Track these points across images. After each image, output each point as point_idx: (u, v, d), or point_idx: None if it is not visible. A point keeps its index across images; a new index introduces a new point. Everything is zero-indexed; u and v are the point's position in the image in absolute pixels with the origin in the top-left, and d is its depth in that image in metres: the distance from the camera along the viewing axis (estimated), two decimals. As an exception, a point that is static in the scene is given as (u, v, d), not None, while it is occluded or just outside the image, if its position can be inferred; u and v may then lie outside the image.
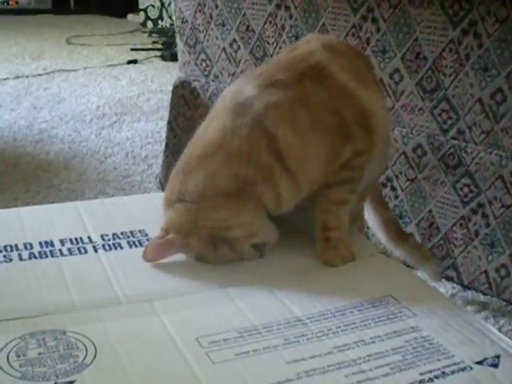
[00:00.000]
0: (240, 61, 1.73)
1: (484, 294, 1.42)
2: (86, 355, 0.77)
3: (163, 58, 3.45)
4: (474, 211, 1.40)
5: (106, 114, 2.57)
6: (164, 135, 1.94)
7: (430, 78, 1.41)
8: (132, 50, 3.64)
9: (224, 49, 1.76)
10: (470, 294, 1.43)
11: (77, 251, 1.01)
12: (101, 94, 2.84)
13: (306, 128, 0.96)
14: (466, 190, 1.40)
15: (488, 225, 1.38)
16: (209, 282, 0.94)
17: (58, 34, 4.06)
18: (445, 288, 1.44)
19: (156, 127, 2.44)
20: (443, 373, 0.75)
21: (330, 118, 0.98)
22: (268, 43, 1.66)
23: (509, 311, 1.37)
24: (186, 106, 1.87)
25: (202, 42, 1.80)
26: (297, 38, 1.59)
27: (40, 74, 3.16)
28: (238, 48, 1.73)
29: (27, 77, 3.11)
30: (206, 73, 1.83)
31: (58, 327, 0.82)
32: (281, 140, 0.94)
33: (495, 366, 0.77)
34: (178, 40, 1.86)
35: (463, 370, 0.76)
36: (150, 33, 4.03)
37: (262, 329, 0.83)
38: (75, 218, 1.11)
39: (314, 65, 1.01)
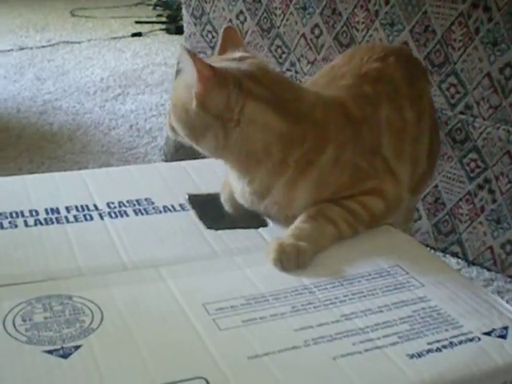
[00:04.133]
0: (247, 32, 1.72)
1: (489, 270, 1.43)
2: (92, 320, 0.77)
3: (168, 31, 3.42)
4: (481, 187, 1.39)
5: (110, 87, 2.56)
6: (168, 108, 1.92)
7: (439, 52, 1.39)
8: (136, 22, 3.61)
9: (230, 20, 1.75)
10: (474, 269, 1.43)
11: (83, 218, 1.00)
12: (105, 67, 2.82)
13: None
14: (472, 165, 1.40)
15: (494, 200, 1.38)
16: (216, 249, 0.94)
17: (63, 6, 4.03)
18: (449, 263, 1.44)
19: (160, 100, 2.43)
20: (451, 343, 0.75)
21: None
22: (275, 15, 1.65)
23: (514, 287, 1.37)
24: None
25: (209, 14, 1.79)
26: (304, 9, 1.58)
27: (44, 46, 3.15)
28: (245, 19, 1.71)
29: (31, 48, 3.10)
30: (211, 44, 1.82)
31: (63, 292, 0.82)
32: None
33: (503, 337, 0.76)
34: (183, 11, 1.85)
35: (471, 340, 0.76)
36: (155, 6, 3.99)
37: (269, 296, 0.82)
38: (81, 187, 1.10)
39: (375, 119, 1.02)
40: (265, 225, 1.00)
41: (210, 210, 1.04)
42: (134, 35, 3.33)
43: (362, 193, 0.98)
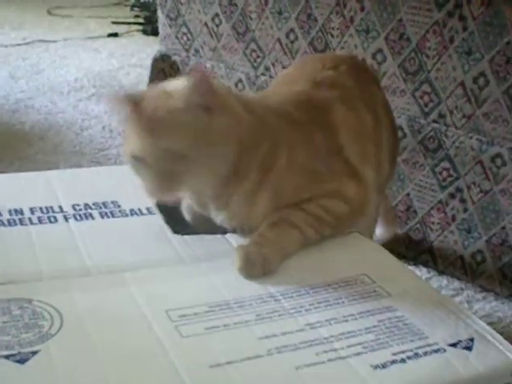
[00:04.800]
0: (222, 35, 1.71)
1: (459, 279, 1.42)
2: (51, 325, 0.75)
3: (144, 32, 3.40)
4: (452, 196, 1.39)
5: (84, 87, 2.53)
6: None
7: (413, 60, 1.39)
8: (113, 23, 3.58)
9: (206, 23, 1.73)
10: (445, 278, 1.43)
11: (47, 220, 0.99)
12: (80, 66, 2.79)
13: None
14: (444, 174, 1.39)
15: (466, 210, 1.37)
16: (182, 254, 0.92)
17: (40, 4, 3.98)
18: (420, 272, 1.43)
19: (134, 101, 2.40)
20: (416, 354, 0.74)
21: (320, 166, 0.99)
22: (251, 18, 1.64)
23: (483, 297, 1.37)
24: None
25: (184, 16, 1.77)
26: (280, 13, 1.57)
27: (19, 44, 3.10)
28: (220, 22, 1.70)
29: (6, 46, 3.05)
30: (186, 47, 1.80)
31: (23, 296, 0.80)
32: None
33: (469, 348, 0.76)
34: (159, 12, 1.83)
35: (436, 351, 0.75)
36: (132, 6, 3.95)
37: (233, 304, 0.81)
38: (46, 187, 1.09)
39: (326, 122, 1.02)
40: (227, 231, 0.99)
41: (177, 215, 1.02)
42: (110, 35, 3.30)
43: (322, 196, 0.97)
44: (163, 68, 1.85)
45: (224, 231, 0.98)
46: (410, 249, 1.48)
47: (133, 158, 0.91)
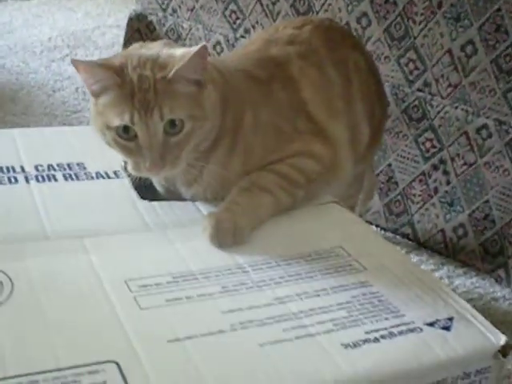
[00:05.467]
0: (201, -5, 1.65)
1: (439, 253, 1.39)
2: (0, 292, 0.70)
3: (123, -9, 3.33)
4: (435, 167, 1.35)
5: (57, 47, 2.45)
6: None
7: (399, 25, 1.34)
8: (91, -18, 3.50)
9: (184, -19, 1.67)
10: (424, 252, 1.40)
11: (6, 181, 0.94)
12: (54, 26, 2.71)
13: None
14: (428, 144, 1.35)
15: (448, 182, 1.34)
16: (148, 221, 0.87)
17: (14, -39, 3.90)
18: (400, 245, 1.40)
19: (110, 63, 2.34)
20: (390, 333, 0.70)
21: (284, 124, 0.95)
22: (231, -22, 1.58)
23: (464, 272, 1.34)
24: (141, 41, 1.77)
25: (162, -27, 1.71)
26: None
27: (-9, 2, 3.02)
28: (200, -18, 1.64)
29: (-23, 4, 2.97)
30: (163, 6, 1.74)
31: (-27, 261, 0.75)
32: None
33: (447, 328, 0.71)
34: (135, -31, 1.76)
35: (412, 331, 0.70)
36: (111, -34, 3.87)
37: (199, 275, 0.76)
38: (10, 146, 1.03)
39: (286, 77, 0.99)
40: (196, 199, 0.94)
41: (145, 180, 0.97)
42: (86, -6, 3.23)
43: (290, 156, 0.93)
44: (139, 28, 1.79)
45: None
46: (389, 221, 1.45)
47: (118, 130, 0.84)
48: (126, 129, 0.84)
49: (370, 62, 1.17)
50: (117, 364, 0.61)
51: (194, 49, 0.83)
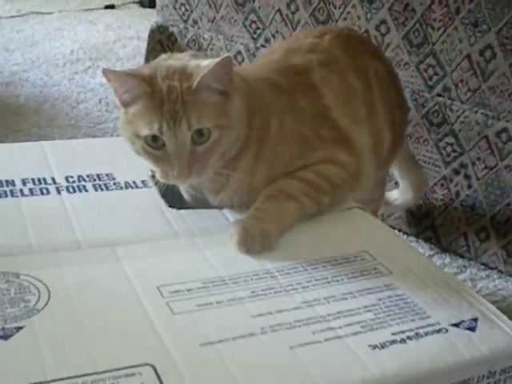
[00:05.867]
0: (221, 6, 1.67)
1: (462, 256, 1.40)
2: (38, 300, 0.72)
3: (141, 4, 3.35)
4: (456, 171, 1.36)
5: (79, 59, 2.48)
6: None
7: (418, 32, 1.35)
8: (109, -6, 3.53)
9: (204, -7, 1.69)
10: (447, 256, 1.40)
11: (38, 192, 0.96)
12: (75, 39, 2.74)
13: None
14: (449, 149, 1.36)
15: (470, 186, 1.35)
16: (176, 229, 0.89)
17: (34, -25, 3.94)
18: (422, 249, 1.41)
19: (132, 74, 2.36)
20: (417, 334, 0.71)
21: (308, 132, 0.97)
22: (251, -12, 1.60)
23: (487, 275, 1.34)
24: (163, 52, 1.78)
25: (182, -15, 1.73)
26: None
27: (13, 16, 3.05)
28: (220, -8, 1.66)
29: (0, 18, 3.01)
30: (184, 17, 1.76)
31: (11, 269, 0.77)
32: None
33: (472, 329, 0.73)
34: (156, -18, 1.79)
35: (438, 331, 0.72)
36: (129, -22, 3.91)
37: (228, 280, 0.78)
38: (40, 158, 1.06)
39: (308, 84, 1.00)
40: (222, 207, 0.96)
41: (173, 189, 0.99)
42: (106, 7, 3.25)
43: (315, 163, 0.94)
44: (160, 39, 1.81)
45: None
46: (412, 225, 1.46)
47: (147, 139, 0.87)
48: (154, 138, 0.86)
49: (390, 69, 1.19)
50: (153, 367, 0.63)
51: (218, 59, 0.85)
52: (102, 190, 0.98)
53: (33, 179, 0.99)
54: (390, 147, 1.13)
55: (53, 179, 0.99)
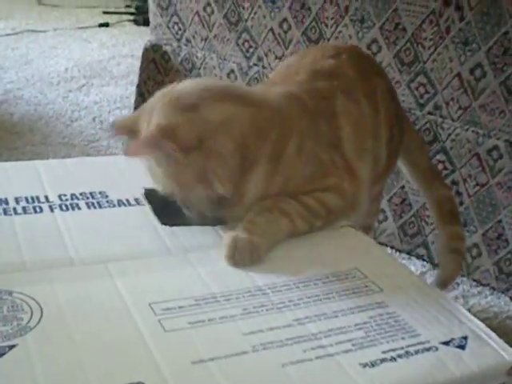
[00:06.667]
0: (214, 25, 1.68)
1: (454, 273, 1.39)
2: (30, 318, 0.72)
3: (136, 22, 3.38)
4: (448, 189, 1.37)
5: (74, 77, 2.50)
6: (133, 101, 1.88)
7: (409, 50, 1.37)
8: (104, 13, 3.55)
9: (197, 12, 1.71)
10: (439, 273, 1.40)
11: (32, 210, 0.96)
12: (70, 57, 2.76)
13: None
14: (440, 166, 1.37)
15: (461, 203, 1.36)
16: (169, 245, 0.90)
17: (29, -7, 3.96)
18: (414, 266, 1.42)
19: (125, 92, 2.38)
20: (407, 352, 0.71)
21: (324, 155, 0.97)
22: (243, 8, 1.61)
23: (479, 292, 1.35)
24: (157, 70, 1.81)
25: (175, 5, 1.75)
26: (273, 2, 1.54)
27: (8, 34, 3.08)
28: (212, 12, 1.68)
29: (-5, 36, 3.03)
30: (178, 36, 1.77)
31: (4, 287, 0.77)
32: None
33: (462, 347, 0.73)
34: (150, 1, 1.80)
35: (428, 350, 0.72)
36: (124, -4, 3.93)
37: (220, 297, 0.78)
38: (33, 177, 1.06)
39: (331, 112, 1.01)
40: (222, 223, 0.96)
41: (166, 206, 1.00)
42: (101, 25, 3.27)
43: (321, 189, 0.95)
44: (154, 58, 1.82)
45: (219, 222, 0.95)
46: (404, 242, 1.47)
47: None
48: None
49: (390, 86, 1.20)
50: (144, 385, 0.63)
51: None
52: (94, 207, 0.99)
53: (26, 197, 0.99)
54: (386, 164, 1.14)
55: (46, 197, 0.99)
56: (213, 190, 0.91)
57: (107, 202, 1.00)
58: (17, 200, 0.98)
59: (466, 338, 0.74)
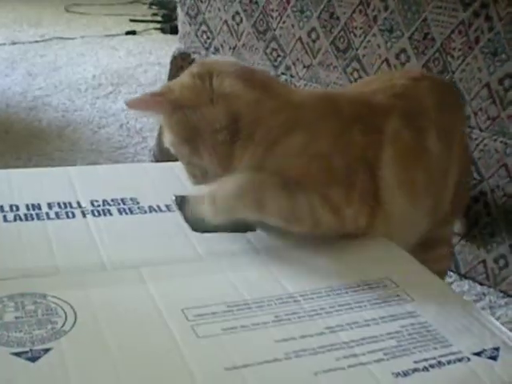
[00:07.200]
0: (242, 34, 1.69)
1: (481, 284, 1.40)
2: (65, 322, 0.73)
3: (162, 30, 3.40)
4: (476, 199, 1.37)
5: (101, 84, 2.52)
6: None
7: (438, 60, 1.37)
8: (131, 21, 3.58)
9: (226, 21, 1.72)
10: (466, 283, 1.40)
11: (64, 215, 0.97)
12: (97, 64, 2.78)
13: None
14: (468, 177, 1.37)
15: (489, 214, 1.35)
16: (200, 252, 0.90)
17: (57, 1, 4.00)
18: (441, 277, 1.41)
19: (153, 100, 2.38)
20: (439, 362, 0.71)
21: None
22: (272, 17, 1.62)
23: (506, 303, 1.34)
24: (185, 78, 1.82)
25: (204, 13, 1.76)
26: (301, 12, 1.55)
27: (37, 41, 3.11)
28: (241, 20, 1.68)
29: (24, 43, 3.06)
30: (206, 45, 1.78)
31: (38, 291, 0.78)
32: None
33: (494, 358, 0.73)
34: (178, 10, 1.81)
35: (460, 360, 0.72)
36: (150, 4, 3.95)
37: (252, 304, 0.79)
38: (65, 183, 1.07)
39: (375, 127, 0.93)
40: (252, 229, 0.96)
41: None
42: (128, 33, 3.30)
43: (318, 197, 0.88)
44: (182, 66, 1.83)
45: (248, 228, 0.96)
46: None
47: None
48: None
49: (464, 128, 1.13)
50: (179, 391, 0.64)
51: None
52: (126, 213, 1.00)
53: (58, 203, 1.00)
54: (443, 219, 1.06)
55: (78, 203, 1.01)
56: (198, 157, 0.92)
57: (138, 208, 1.01)
58: (49, 205, 0.99)
59: (497, 349, 0.74)
